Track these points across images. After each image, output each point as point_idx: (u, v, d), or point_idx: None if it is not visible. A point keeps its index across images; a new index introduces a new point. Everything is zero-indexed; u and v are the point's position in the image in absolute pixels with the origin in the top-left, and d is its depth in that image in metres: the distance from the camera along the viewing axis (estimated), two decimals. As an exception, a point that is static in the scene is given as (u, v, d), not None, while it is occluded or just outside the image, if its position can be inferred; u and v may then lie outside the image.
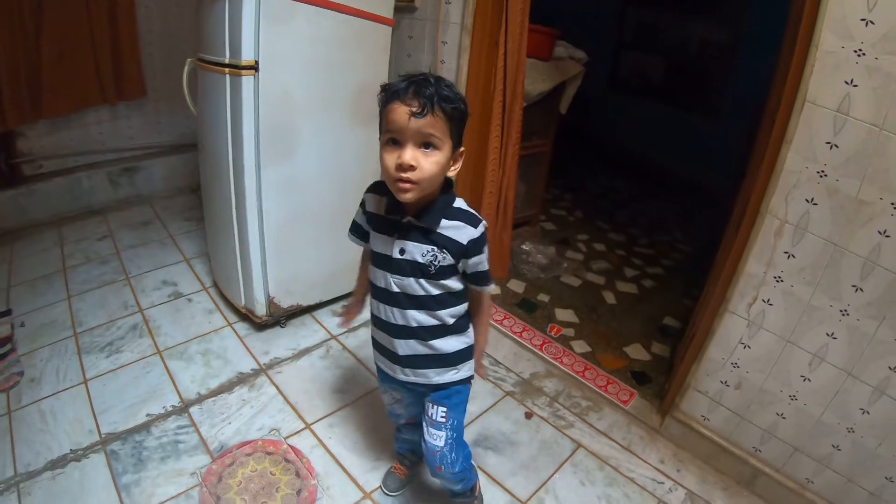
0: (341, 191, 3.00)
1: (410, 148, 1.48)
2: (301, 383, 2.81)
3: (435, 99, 1.45)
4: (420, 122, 1.45)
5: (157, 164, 4.66)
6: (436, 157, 1.51)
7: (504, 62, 3.08)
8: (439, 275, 1.67)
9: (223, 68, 2.51)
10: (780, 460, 2.37)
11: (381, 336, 1.85)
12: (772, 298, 2.19)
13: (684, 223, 5.40)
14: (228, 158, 2.67)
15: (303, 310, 3.27)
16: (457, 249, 1.64)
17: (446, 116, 1.49)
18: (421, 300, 1.70)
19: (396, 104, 1.47)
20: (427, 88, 1.46)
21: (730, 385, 2.42)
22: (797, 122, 1.96)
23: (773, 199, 2.09)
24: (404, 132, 1.47)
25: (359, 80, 2.84)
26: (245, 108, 2.50)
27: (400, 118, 1.46)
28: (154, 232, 4.09)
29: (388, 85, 1.53)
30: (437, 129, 1.48)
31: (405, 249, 1.66)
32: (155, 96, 4.45)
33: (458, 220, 1.65)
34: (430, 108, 1.45)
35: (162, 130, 4.68)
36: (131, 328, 3.06)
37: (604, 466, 2.52)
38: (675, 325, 3.66)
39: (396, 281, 1.69)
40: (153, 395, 2.63)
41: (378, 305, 1.79)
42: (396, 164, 1.48)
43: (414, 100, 1.45)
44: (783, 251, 2.12)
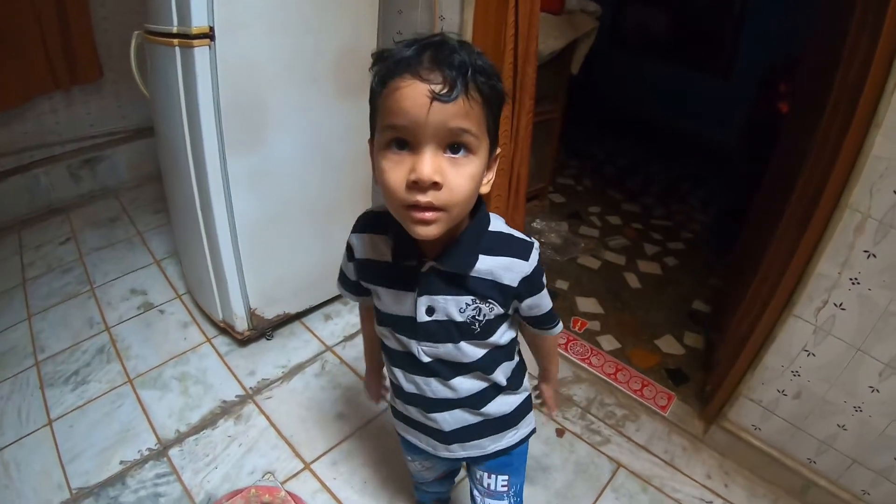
0: (325, 177, 2.68)
1: (431, 153, 0.97)
2: (296, 410, 2.52)
3: (469, 71, 0.96)
4: (447, 111, 0.94)
5: (120, 151, 4.30)
6: (471, 166, 1.02)
7: (515, 16, 2.65)
8: (486, 332, 1.26)
9: (172, 39, 2.12)
10: (836, 472, 2.21)
11: (410, 410, 1.45)
12: (845, 302, 1.95)
13: (697, 189, 5.22)
14: (186, 149, 2.31)
15: (291, 318, 2.96)
16: (507, 294, 1.22)
17: (484, 100, 1.00)
18: (466, 366, 1.31)
19: (404, 82, 0.96)
20: (454, 54, 0.96)
21: (787, 394, 2.22)
22: (889, 102, 1.68)
23: (855, 189, 1.82)
24: (420, 128, 0.96)
25: (339, 44, 2.45)
26: (201, 87, 2.12)
27: (412, 104, 0.95)
28: (121, 230, 3.78)
29: (384, 52, 1.02)
30: (473, 120, 0.99)
31: (434, 307, 1.21)
32: (113, 77, 4.06)
33: (501, 255, 1.20)
34: (461, 87, 0.95)
35: (124, 114, 4.29)
36: (98, 351, 2.75)
37: (647, 488, 2.32)
38: (704, 309, 3.48)
39: (427, 349, 1.27)
40: (126, 436, 2.34)
41: (401, 375, 1.38)
42: (409, 180, 0.98)
43: (435, 72, 0.95)
44: (862, 250, 1.86)
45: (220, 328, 2.85)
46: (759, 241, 2.45)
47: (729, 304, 2.82)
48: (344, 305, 3.19)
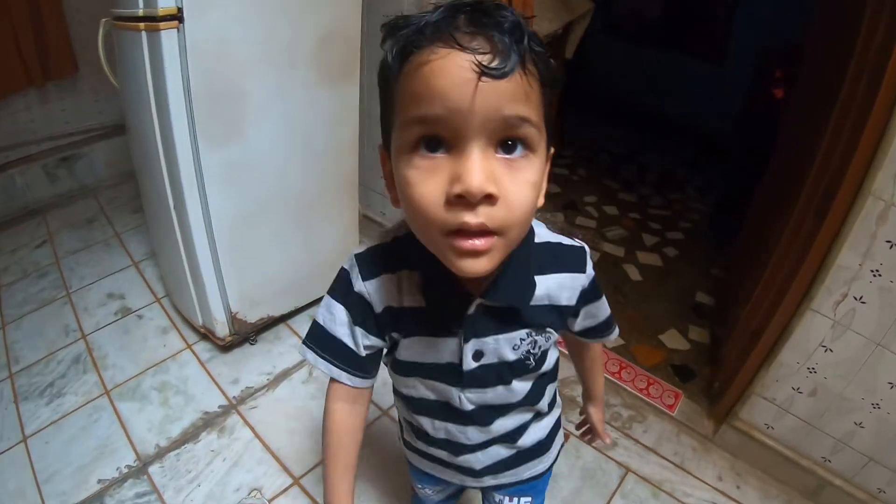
0: (307, 170, 2.54)
1: (480, 153, 0.72)
2: (283, 420, 2.40)
3: (525, 36, 0.71)
4: (500, 91, 0.70)
5: (98, 148, 4.17)
6: (531, 170, 0.77)
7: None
8: (540, 363, 1.08)
9: (138, 23, 1.97)
10: (851, 471, 2.16)
11: (434, 451, 1.24)
12: (865, 296, 1.87)
13: (693, 176, 5.18)
14: (157, 142, 2.17)
15: (275, 321, 2.84)
16: (564, 316, 1.07)
17: (541, 74, 0.76)
18: (509, 407, 1.12)
19: (435, 53, 0.71)
20: (501, 11, 0.72)
21: (803, 392, 2.15)
22: None
23: (878, 176, 1.72)
24: (463, 116, 0.70)
25: (321, 24, 2.30)
26: (169, 74, 1.98)
27: (449, 83, 0.69)
28: (98, 231, 3.67)
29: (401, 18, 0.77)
30: (534, 104, 0.75)
31: (483, 351, 1.00)
32: (88, 71, 3.91)
33: (555, 271, 1.01)
34: (517, 56, 0.70)
35: (101, 109, 4.16)
36: (73, 361, 2.63)
37: (658, 493, 2.25)
38: (708, 302, 3.42)
39: (473, 396, 1.06)
40: (104, 452, 2.22)
41: (429, 422, 1.16)
42: (451, 194, 0.72)
43: (479, 37, 0.70)
44: (885, 240, 1.77)
45: (200, 333, 2.74)
46: (765, 233, 2.37)
47: (734, 297, 2.75)
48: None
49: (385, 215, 3.52)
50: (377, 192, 3.48)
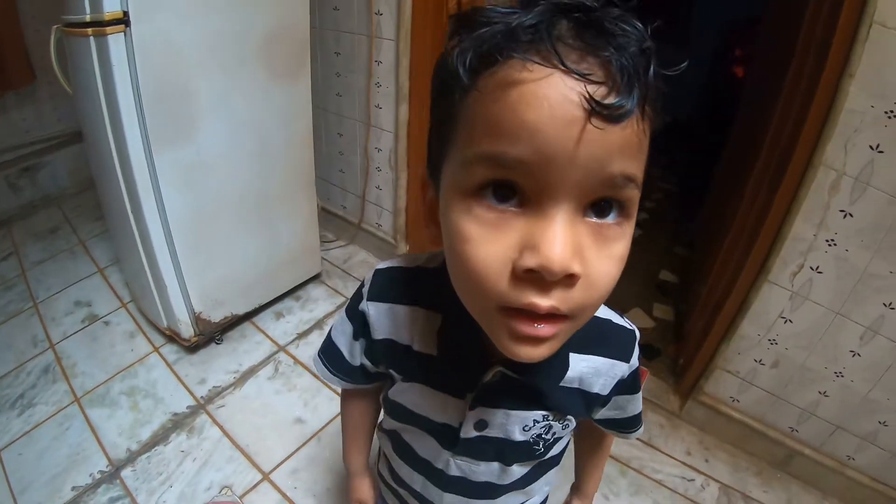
0: (264, 166, 2.55)
1: (568, 219, 0.56)
2: (250, 417, 2.41)
3: (653, 66, 0.56)
4: (611, 140, 0.53)
5: (60, 156, 4.15)
6: (623, 242, 0.61)
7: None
8: (549, 449, 0.95)
9: (86, 29, 1.96)
10: (818, 439, 2.22)
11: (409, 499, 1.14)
12: (822, 265, 1.91)
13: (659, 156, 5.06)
14: (110, 147, 2.16)
15: (239, 318, 2.84)
16: (590, 405, 0.92)
17: (655, 121, 0.60)
18: (501, 488, 1.00)
19: (530, 71, 0.52)
20: (623, 29, 0.55)
21: (765, 363, 2.19)
22: (862, 50, 1.60)
23: (828, 146, 1.75)
24: (558, 167, 0.53)
25: (270, 20, 2.31)
26: (118, 78, 1.97)
27: (547, 118, 0.51)
28: (63, 240, 3.66)
29: (478, 12, 0.57)
30: (642, 156, 0.59)
31: (489, 423, 0.88)
32: (46, 79, 3.87)
33: (599, 354, 0.86)
34: (639, 92, 0.54)
35: (60, 117, 4.12)
36: (43, 371, 2.62)
37: (626, 471, 2.28)
38: (672, 279, 3.46)
39: (463, 465, 0.95)
40: (77, 460, 2.22)
41: (410, 474, 1.07)
42: (522, 267, 0.55)
43: (590, 58, 0.53)
44: (839, 209, 1.80)
45: (166, 336, 2.74)
46: (724, 209, 2.40)
47: (697, 273, 2.79)
48: (296, 301, 3.10)
49: (345, 208, 3.54)
50: (336, 186, 3.50)
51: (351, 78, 3.04)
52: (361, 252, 3.54)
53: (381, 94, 2.93)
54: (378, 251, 3.46)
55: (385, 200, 3.27)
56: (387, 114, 2.96)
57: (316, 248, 3.10)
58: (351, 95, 3.10)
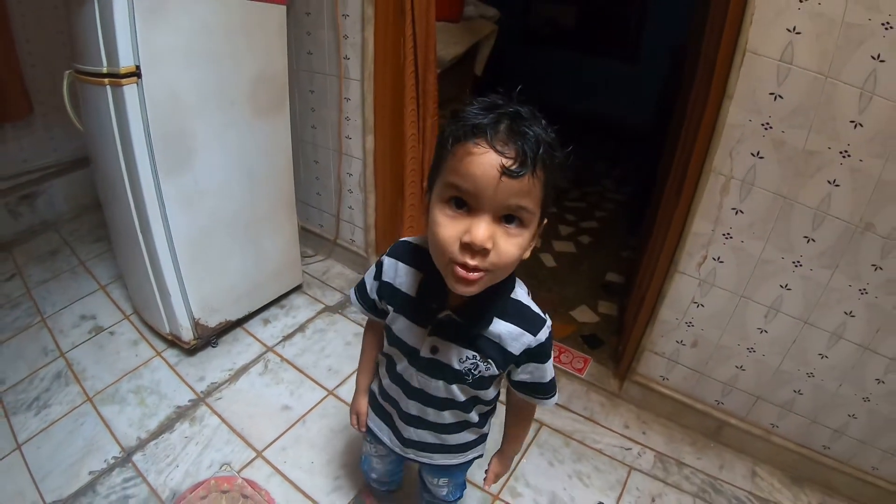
0: (251, 192, 2.82)
1: (488, 221, 1.02)
2: (244, 407, 2.64)
3: (540, 149, 1.00)
4: (512, 187, 0.99)
5: (57, 184, 4.30)
6: (521, 237, 1.06)
7: (413, 29, 2.84)
8: (476, 385, 1.34)
9: (102, 79, 2.23)
10: (743, 410, 2.43)
11: (387, 409, 1.59)
12: (722, 256, 2.17)
13: (612, 169, 5.44)
14: (123, 178, 2.42)
15: (232, 324, 3.08)
16: (507, 360, 1.29)
17: (546, 177, 1.04)
18: (446, 402, 1.41)
19: (479, 149, 0.99)
20: (530, 128, 1.00)
21: (686, 344, 2.42)
22: (738, 75, 1.89)
23: (716, 155, 2.03)
24: (484, 197, 1.00)
25: (254, 69, 2.60)
26: (132, 122, 2.25)
27: (481, 173, 0.98)
28: (63, 261, 3.81)
29: (461, 113, 1.04)
30: (533, 198, 1.03)
31: (438, 349, 1.30)
32: (43, 110, 4.03)
33: (514, 323, 1.25)
34: (531, 165, 0.99)
35: (56, 147, 4.26)
36: (55, 377, 2.82)
37: (570, 442, 2.51)
38: (617, 280, 3.67)
39: (420, 379, 1.38)
40: (92, 449, 2.41)
41: (391, 385, 1.51)
42: (463, 241, 1.02)
43: (510, 145, 0.98)
44: (731, 207, 2.07)
45: (168, 341, 2.96)
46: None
47: (636, 273, 3.00)
48: (280, 309, 3.34)
49: (322, 227, 3.77)
50: (314, 207, 3.73)
51: (324, 112, 3.29)
52: (338, 265, 3.78)
53: (351, 127, 3.19)
54: (352, 264, 3.69)
55: (357, 218, 3.51)
56: (356, 143, 3.22)
57: (297, 262, 3.36)
58: (324, 128, 3.35)
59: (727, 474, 2.42)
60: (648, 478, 2.38)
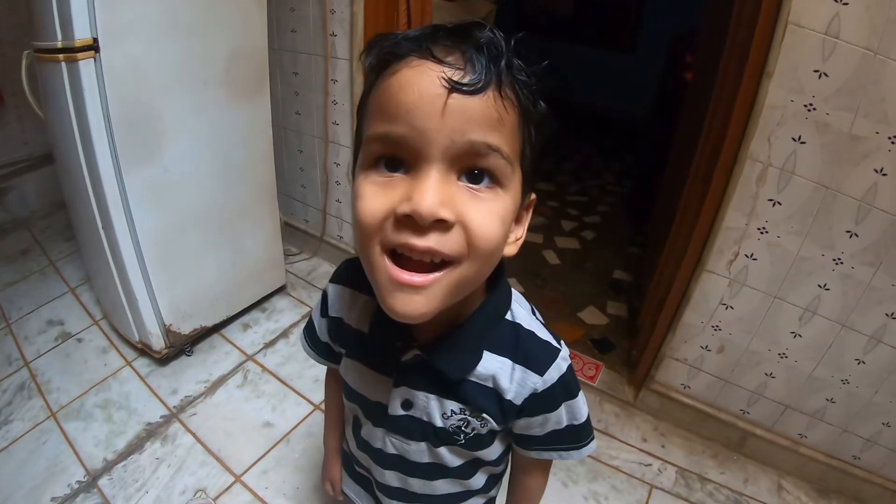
0: (228, 184, 2.61)
1: (437, 175, 0.67)
2: (221, 423, 2.44)
3: (503, 56, 0.68)
4: (471, 110, 0.66)
5: (28, 180, 4.13)
6: (499, 203, 0.71)
7: (407, 5, 2.64)
8: (472, 445, 0.98)
9: (57, 55, 2.02)
10: (770, 420, 2.29)
11: (364, 475, 1.24)
12: (756, 252, 1.99)
13: (612, 163, 5.32)
14: (82, 167, 2.21)
15: (208, 330, 2.86)
16: (507, 412, 0.94)
17: (521, 108, 0.71)
18: (434, 470, 1.05)
19: (411, 65, 0.68)
20: (482, 31, 0.68)
21: (711, 350, 2.26)
22: (779, 50, 1.70)
23: (753, 140, 1.83)
24: (426, 135, 0.66)
25: (229, 45, 2.37)
26: (89, 102, 2.03)
27: (417, 97, 0.66)
28: (33, 261, 3.65)
29: (384, 36, 0.74)
30: (507, 133, 0.69)
31: (413, 402, 0.96)
32: (14, 102, 3.87)
33: (511, 358, 0.91)
34: (494, 75, 0.67)
35: (29, 140, 4.10)
36: (18, 389, 2.64)
37: (584, 460, 2.30)
38: (625, 278, 3.53)
39: (396, 443, 1.02)
40: (54, 472, 2.25)
41: (359, 452, 1.17)
42: (398, 213, 0.67)
43: (455, 52, 0.67)
44: (767, 199, 1.89)
45: (138, 350, 2.77)
46: (670, 206, 2.47)
47: (647, 269, 2.86)
48: (262, 313, 3.14)
49: (308, 222, 3.59)
50: (298, 201, 3.54)
51: (309, 97, 3.10)
52: (325, 264, 3.58)
53: (338, 112, 2.99)
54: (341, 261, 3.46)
55: (345, 213, 3.32)
56: (344, 130, 3.02)
57: (280, 261, 3.15)
58: (309, 113, 3.16)
59: (752, 489, 2.27)
60: (671, 496, 2.22)
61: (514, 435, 1.03)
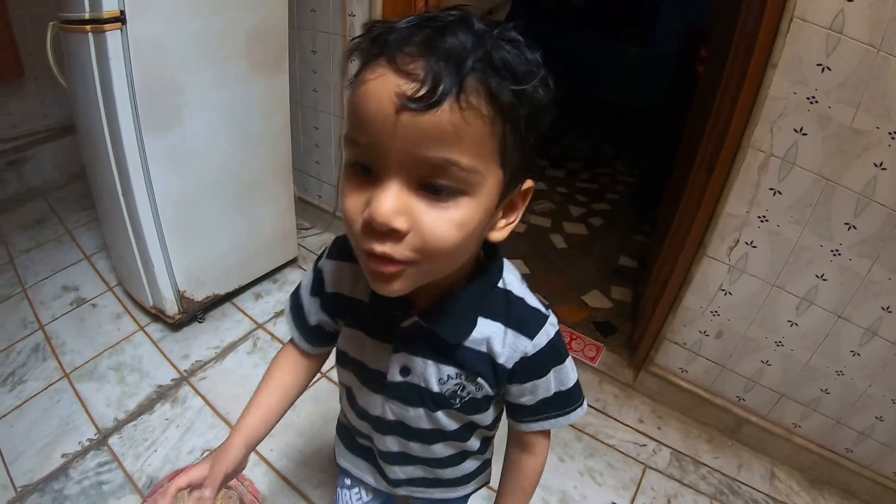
0: (245, 155, 2.65)
1: (396, 188, 0.67)
2: (230, 388, 2.49)
3: (468, 63, 0.62)
4: (422, 127, 0.62)
5: (46, 150, 4.15)
6: (460, 210, 0.69)
7: None
8: (468, 409, 1.00)
9: (84, 26, 2.06)
10: (765, 407, 2.33)
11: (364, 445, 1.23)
12: (755, 240, 2.03)
13: (622, 151, 5.33)
14: (104, 135, 2.26)
15: (221, 299, 2.93)
16: (500, 376, 0.95)
17: (498, 112, 0.66)
18: (433, 434, 1.06)
19: (375, 72, 0.65)
20: (452, 36, 0.63)
21: (709, 335, 2.29)
22: (784, 42, 1.73)
23: (756, 129, 1.87)
24: (383, 149, 0.66)
25: (251, 20, 2.42)
26: (115, 72, 2.07)
27: (376, 111, 0.64)
28: (50, 230, 3.68)
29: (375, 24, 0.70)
30: (468, 145, 0.65)
31: (410, 368, 0.96)
32: (34, 74, 3.89)
33: (503, 323, 0.92)
34: (451, 87, 0.61)
35: (47, 112, 4.13)
36: (33, 350, 2.69)
37: (581, 436, 2.39)
38: (630, 264, 3.57)
39: (395, 409, 1.03)
40: (66, 430, 2.29)
41: (358, 421, 1.15)
42: (363, 219, 0.69)
43: (418, 60, 0.62)
44: (768, 188, 1.93)
45: (152, 315, 2.82)
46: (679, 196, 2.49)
47: (653, 257, 2.89)
48: (273, 283, 3.18)
49: (321, 198, 3.63)
50: (312, 176, 3.59)
51: (326, 75, 3.15)
52: (336, 239, 3.60)
53: None
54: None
55: (358, 189, 3.33)
56: None
57: (293, 234, 3.19)
58: (326, 91, 3.20)
59: (745, 475, 2.31)
60: (664, 477, 2.26)
61: (507, 406, 1.06)
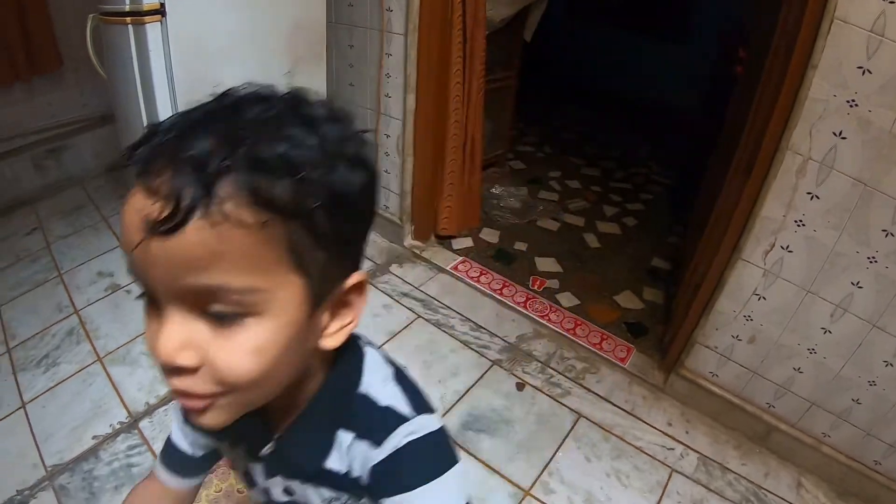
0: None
1: (178, 318, 0.57)
2: None
3: (215, 168, 0.52)
4: (174, 252, 0.53)
5: (85, 139, 4.21)
6: (249, 333, 0.58)
7: None
8: None
9: (125, 17, 2.10)
10: (795, 415, 2.27)
11: None
12: (791, 245, 2.00)
13: (657, 151, 5.28)
14: (143, 123, 2.27)
15: None
16: (364, 490, 0.79)
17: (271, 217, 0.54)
18: None
19: (132, 191, 0.56)
20: (203, 139, 0.54)
21: (742, 339, 2.26)
22: (824, 43, 1.71)
23: (794, 132, 1.85)
24: (147, 280, 0.57)
25: (292, 15, 2.45)
26: (154, 63, 2.11)
27: (128, 237, 0.55)
28: (86, 217, 3.72)
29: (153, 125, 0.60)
30: (236, 261, 0.54)
31: (292, 489, 0.83)
32: (73, 65, 3.95)
33: (356, 432, 0.76)
34: (194, 203, 0.51)
35: (86, 102, 4.18)
36: (67, 334, 2.73)
37: (609, 437, 2.37)
38: (664, 266, 3.54)
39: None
40: (98, 412, 2.32)
41: None
42: (159, 359, 0.58)
43: (167, 171, 0.52)
44: (806, 192, 1.90)
45: None
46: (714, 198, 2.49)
47: (686, 259, 2.87)
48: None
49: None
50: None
51: (363, 69, 3.16)
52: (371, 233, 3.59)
53: (391, 85, 3.05)
54: (386, 232, 3.53)
55: (392, 183, 3.37)
56: (395, 102, 3.08)
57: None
58: (363, 85, 3.22)
59: (771, 483, 2.28)
60: (690, 482, 2.24)
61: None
